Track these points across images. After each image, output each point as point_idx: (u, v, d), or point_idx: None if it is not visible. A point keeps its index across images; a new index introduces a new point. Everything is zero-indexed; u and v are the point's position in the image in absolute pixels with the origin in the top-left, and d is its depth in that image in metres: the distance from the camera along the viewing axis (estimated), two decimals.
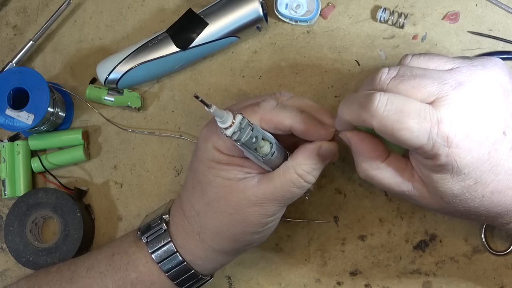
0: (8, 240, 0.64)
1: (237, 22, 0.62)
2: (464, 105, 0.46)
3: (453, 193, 0.48)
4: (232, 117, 0.45)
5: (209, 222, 0.53)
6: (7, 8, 0.70)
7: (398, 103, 0.45)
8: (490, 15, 0.63)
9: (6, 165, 0.66)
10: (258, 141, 0.48)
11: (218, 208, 0.52)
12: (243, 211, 0.51)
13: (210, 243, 0.54)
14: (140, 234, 0.55)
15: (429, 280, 0.62)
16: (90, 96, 0.66)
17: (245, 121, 0.46)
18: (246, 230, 0.52)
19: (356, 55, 0.64)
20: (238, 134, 0.46)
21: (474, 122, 0.46)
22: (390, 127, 0.45)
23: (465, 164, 0.46)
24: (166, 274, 0.54)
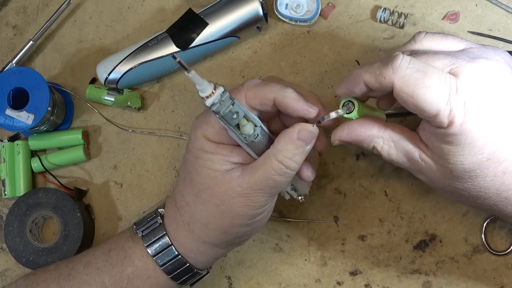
0: (8, 240, 0.64)
1: (237, 22, 0.62)
2: (479, 77, 0.46)
3: (464, 168, 0.47)
4: (213, 87, 0.46)
5: (197, 213, 0.53)
6: (7, 8, 0.70)
7: (420, 64, 0.46)
8: (490, 15, 0.63)
9: (6, 165, 0.66)
10: (239, 118, 0.48)
11: (205, 199, 0.51)
12: (229, 202, 0.51)
13: (199, 234, 0.53)
14: (135, 228, 0.55)
15: (429, 280, 0.62)
16: (90, 96, 0.66)
17: (226, 94, 0.46)
18: (233, 222, 0.52)
19: (356, 55, 0.64)
20: (217, 105, 0.46)
21: (489, 94, 0.46)
22: (412, 84, 0.45)
23: (479, 137, 0.46)
24: (161, 267, 0.54)
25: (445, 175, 0.49)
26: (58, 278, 0.56)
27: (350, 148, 0.63)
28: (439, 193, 0.52)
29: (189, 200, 0.53)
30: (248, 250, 0.64)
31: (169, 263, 0.54)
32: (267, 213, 0.54)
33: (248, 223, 0.52)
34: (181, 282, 0.56)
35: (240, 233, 0.54)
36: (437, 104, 0.45)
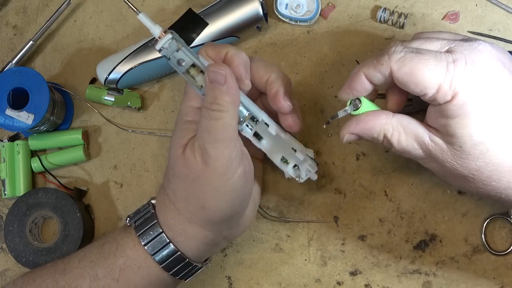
0: (8, 240, 0.64)
1: (237, 22, 0.62)
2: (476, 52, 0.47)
3: (473, 140, 0.47)
4: (161, 31, 0.50)
5: (177, 189, 0.53)
6: (7, 8, 0.70)
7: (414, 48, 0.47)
8: (490, 15, 0.63)
9: (6, 165, 0.66)
10: (185, 66, 0.51)
11: (177, 171, 0.52)
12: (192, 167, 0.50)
13: (183, 212, 0.53)
14: (129, 219, 0.56)
15: (429, 280, 0.62)
16: (90, 96, 0.66)
17: (174, 42, 0.50)
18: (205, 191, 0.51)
19: (356, 55, 0.64)
20: (164, 50, 0.50)
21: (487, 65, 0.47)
22: (408, 62, 0.46)
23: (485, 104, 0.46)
24: (152, 255, 0.54)
25: (456, 154, 0.48)
26: (54, 273, 0.56)
27: (350, 148, 0.63)
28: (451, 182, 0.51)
29: (170, 176, 0.53)
30: (248, 250, 0.64)
31: (160, 251, 0.54)
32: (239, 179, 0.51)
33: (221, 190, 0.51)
34: (173, 273, 0.55)
35: (220, 207, 0.52)
36: (436, 77, 0.46)
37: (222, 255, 0.64)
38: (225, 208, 0.52)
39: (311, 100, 0.64)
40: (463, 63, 0.46)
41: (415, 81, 0.46)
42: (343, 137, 0.52)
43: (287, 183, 0.64)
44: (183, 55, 0.51)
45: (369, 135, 0.51)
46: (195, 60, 0.51)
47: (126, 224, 0.56)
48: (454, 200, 0.62)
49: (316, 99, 0.64)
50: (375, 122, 0.51)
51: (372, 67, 0.49)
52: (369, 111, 0.51)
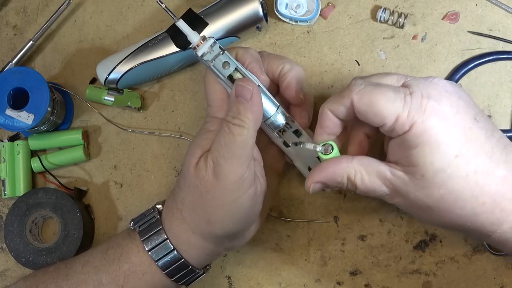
0: (8, 240, 0.64)
1: (237, 22, 0.62)
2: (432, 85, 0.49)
3: (434, 168, 0.47)
4: (201, 38, 0.50)
5: (186, 197, 0.53)
6: (7, 8, 0.70)
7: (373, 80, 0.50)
8: (490, 15, 0.63)
9: (6, 165, 0.66)
10: (230, 69, 0.50)
11: (189, 181, 0.52)
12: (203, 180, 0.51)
13: (188, 221, 0.53)
14: (133, 224, 0.55)
15: (429, 280, 0.62)
16: (90, 96, 0.66)
17: (217, 44, 0.50)
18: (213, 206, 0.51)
19: (356, 55, 0.64)
20: (207, 55, 0.50)
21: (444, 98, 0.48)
22: (368, 94, 0.48)
23: (443, 134, 0.47)
24: (156, 262, 0.54)
25: (418, 184, 0.49)
26: (57, 278, 0.56)
27: None
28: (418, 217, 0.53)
29: (181, 184, 0.53)
30: (248, 250, 0.64)
31: (164, 258, 0.54)
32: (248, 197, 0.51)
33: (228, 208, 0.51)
34: (176, 279, 0.55)
35: (224, 224, 0.52)
36: (394, 108, 0.47)
37: (222, 255, 0.64)
38: (229, 225, 0.53)
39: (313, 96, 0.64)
40: (419, 95, 0.48)
41: (374, 111, 0.48)
42: (308, 188, 0.53)
43: (287, 183, 0.64)
44: (228, 58, 0.50)
45: (334, 180, 0.52)
46: (238, 64, 0.51)
47: (130, 228, 0.56)
48: None
49: (316, 99, 0.64)
50: (337, 167, 0.52)
51: (335, 102, 0.50)
52: (330, 159, 0.52)
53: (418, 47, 0.64)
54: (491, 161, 0.48)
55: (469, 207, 0.49)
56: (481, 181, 0.48)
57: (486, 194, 0.48)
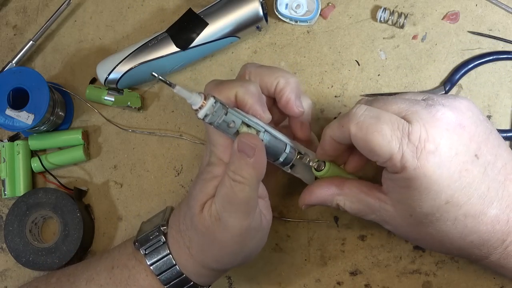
0: (8, 240, 0.64)
1: (237, 22, 0.62)
2: (433, 122, 0.47)
3: (423, 211, 0.48)
4: (203, 98, 0.45)
5: (194, 238, 0.52)
6: (7, 8, 0.70)
7: (375, 111, 0.48)
8: (490, 15, 0.63)
9: (6, 165, 0.66)
10: (235, 126, 0.47)
11: (196, 225, 0.51)
12: (209, 230, 0.50)
13: (198, 259, 0.53)
14: (138, 246, 0.55)
15: (429, 280, 0.62)
16: (90, 96, 0.66)
17: (218, 104, 0.46)
18: (222, 250, 0.51)
19: (356, 55, 0.64)
20: (210, 116, 0.46)
21: (443, 138, 0.47)
22: (365, 129, 0.47)
23: (435, 181, 0.46)
24: (165, 286, 0.54)
25: (406, 220, 0.50)
26: None
27: None
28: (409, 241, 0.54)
29: (188, 224, 0.52)
30: None
31: (173, 282, 0.54)
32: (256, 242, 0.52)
33: (236, 251, 0.51)
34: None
35: (234, 262, 0.53)
36: (389, 148, 0.46)
37: None
38: (240, 262, 0.54)
39: (311, 100, 0.64)
40: (417, 136, 0.46)
41: (369, 148, 0.47)
42: (302, 207, 0.55)
43: (287, 183, 0.64)
44: (233, 116, 0.47)
45: (323, 203, 0.54)
46: (244, 119, 0.48)
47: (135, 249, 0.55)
48: None
49: (316, 99, 0.64)
50: (327, 193, 0.53)
51: (336, 129, 0.50)
52: (320, 182, 0.53)
53: (418, 47, 0.64)
54: (484, 202, 0.48)
55: (456, 244, 0.50)
56: (470, 224, 0.48)
57: (474, 234, 0.49)
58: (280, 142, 0.51)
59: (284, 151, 0.51)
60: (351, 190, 0.52)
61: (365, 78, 0.64)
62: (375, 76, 0.64)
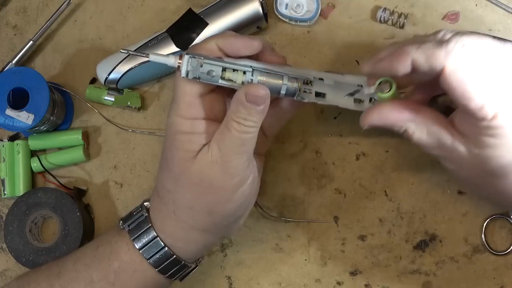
0: (7, 240, 0.64)
1: (237, 22, 0.62)
2: None
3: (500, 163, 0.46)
4: (177, 58, 0.49)
5: (180, 198, 0.52)
6: (7, 8, 0.70)
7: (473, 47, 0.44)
8: (490, 15, 0.63)
9: (6, 164, 0.66)
10: (217, 74, 0.49)
11: (185, 181, 0.51)
12: (208, 177, 0.50)
13: (186, 220, 0.53)
14: (122, 223, 0.55)
15: (429, 280, 0.62)
16: (90, 96, 0.66)
17: (194, 60, 0.48)
18: (218, 197, 0.51)
19: (356, 55, 0.64)
20: (191, 72, 0.49)
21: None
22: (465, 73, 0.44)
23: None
24: (147, 260, 0.54)
25: (477, 167, 0.47)
26: (49, 276, 0.56)
27: (350, 148, 0.63)
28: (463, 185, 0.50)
29: (170, 186, 0.52)
30: (248, 250, 0.64)
31: (155, 255, 0.53)
32: (249, 185, 0.52)
33: (232, 197, 0.51)
34: (169, 275, 0.55)
35: (226, 211, 0.52)
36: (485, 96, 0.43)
37: (222, 255, 0.64)
38: (232, 213, 0.53)
39: None
40: None
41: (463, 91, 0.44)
42: (363, 126, 0.51)
43: (287, 183, 0.64)
44: (209, 66, 0.49)
45: (390, 127, 0.50)
46: (225, 64, 0.50)
47: (119, 227, 0.56)
48: (454, 200, 0.62)
49: None
50: (398, 117, 0.49)
51: (424, 57, 0.45)
52: (392, 103, 0.49)
53: None
54: None
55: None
56: None
57: None
58: (275, 75, 0.51)
59: (282, 82, 0.51)
60: (426, 119, 0.49)
61: None
62: None
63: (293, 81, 0.51)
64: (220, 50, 0.50)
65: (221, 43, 0.50)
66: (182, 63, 0.48)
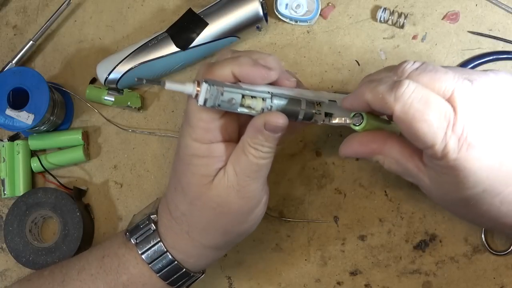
0: (7, 240, 0.64)
1: (237, 22, 0.62)
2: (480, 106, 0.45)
3: (458, 196, 0.48)
4: (196, 85, 0.46)
5: (195, 221, 0.52)
6: (7, 8, 0.70)
7: (423, 93, 0.45)
8: (490, 15, 0.63)
9: (6, 164, 0.66)
10: (237, 102, 0.47)
11: (201, 205, 0.51)
12: (225, 202, 0.50)
13: (200, 240, 0.53)
14: (129, 236, 0.55)
15: (429, 280, 0.62)
16: (90, 96, 0.66)
17: (214, 87, 0.46)
18: (233, 220, 0.52)
19: (356, 55, 0.64)
20: (209, 101, 0.46)
21: (488, 127, 0.45)
22: (411, 115, 0.45)
23: (474, 172, 0.46)
24: (157, 274, 0.54)
25: (440, 196, 0.50)
26: (52, 283, 0.56)
27: None
28: None
29: (184, 209, 0.52)
30: (248, 250, 0.64)
31: (165, 269, 0.54)
32: (263, 205, 0.53)
33: (247, 218, 0.52)
34: (177, 286, 0.56)
35: (241, 231, 0.54)
36: (433, 138, 0.45)
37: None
38: (245, 232, 0.54)
39: None
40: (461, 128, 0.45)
41: (412, 133, 0.45)
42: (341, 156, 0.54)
43: (287, 183, 0.64)
44: (230, 94, 0.47)
45: (363, 157, 0.53)
46: (245, 91, 0.48)
47: (126, 239, 0.56)
48: None
49: None
50: (365, 150, 0.52)
51: (376, 100, 0.47)
52: (362, 136, 0.52)
53: (418, 47, 0.64)
54: None
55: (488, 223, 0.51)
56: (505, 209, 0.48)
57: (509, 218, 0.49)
58: (293, 101, 0.50)
59: (300, 108, 0.50)
60: (392, 152, 0.51)
61: None
62: None
63: (310, 106, 0.51)
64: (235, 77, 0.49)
65: (237, 71, 0.48)
66: (200, 91, 0.46)
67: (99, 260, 0.56)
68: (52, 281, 0.56)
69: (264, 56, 0.50)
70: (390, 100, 0.45)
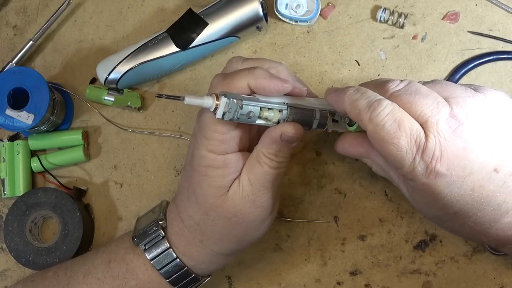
0: (7, 240, 0.64)
1: (237, 22, 0.62)
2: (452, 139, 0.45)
3: (430, 212, 0.50)
4: (215, 99, 0.46)
5: (210, 230, 0.53)
6: (7, 8, 0.70)
7: (398, 115, 0.46)
8: (490, 15, 0.63)
9: (6, 164, 0.66)
10: (255, 115, 0.48)
11: (216, 216, 0.52)
12: (240, 212, 0.51)
13: (213, 248, 0.54)
14: (137, 241, 0.55)
15: (429, 280, 0.62)
16: (90, 96, 0.66)
17: (232, 100, 0.46)
18: (247, 229, 0.53)
19: (356, 55, 0.64)
20: (227, 114, 0.46)
21: (459, 156, 0.45)
22: (382, 136, 0.46)
23: (443, 196, 0.46)
24: (167, 280, 0.54)
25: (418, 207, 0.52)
26: (57, 286, 0.56)
27: None
28: None
29: (198, 219, 0.53)
30: (248, 250, 0.64)
31: (175, 275, 0.54)
32: (274, 213, 0.54)
33: (260, 227, 0.53)
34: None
35: (254, 239, 0.54)
36: (401, 160, 0.46)
37: None
38: (257, 239, 0.55)
39: None
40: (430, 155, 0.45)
41: (383, 152, 0.47)
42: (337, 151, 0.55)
43: (287, 183, 0.64)
44: (248, 107, 0.47)
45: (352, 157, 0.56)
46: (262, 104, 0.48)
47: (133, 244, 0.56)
48: None
49: None
50: (354, 151, 0.54)
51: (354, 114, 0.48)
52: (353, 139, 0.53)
53: (418, 47, 0.64)
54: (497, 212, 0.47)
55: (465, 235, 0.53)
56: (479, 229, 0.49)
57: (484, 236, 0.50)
58: (307, 111, 0.51)
59: (314, 118, 0.51)
60: (378, 158, 0.52)
61: (365, 78, 0.64)
62: (375, 76, 0.64)
63: (323, 116, 0.52)
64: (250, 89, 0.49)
65: (253, 83, 0.48)
66: (219, 105, 0.46)
67: (105, 264, 0.56)
68: (57, 283, 0.57)
69: (275, 65, 0.51)
70: (365, 118, 0.47)
